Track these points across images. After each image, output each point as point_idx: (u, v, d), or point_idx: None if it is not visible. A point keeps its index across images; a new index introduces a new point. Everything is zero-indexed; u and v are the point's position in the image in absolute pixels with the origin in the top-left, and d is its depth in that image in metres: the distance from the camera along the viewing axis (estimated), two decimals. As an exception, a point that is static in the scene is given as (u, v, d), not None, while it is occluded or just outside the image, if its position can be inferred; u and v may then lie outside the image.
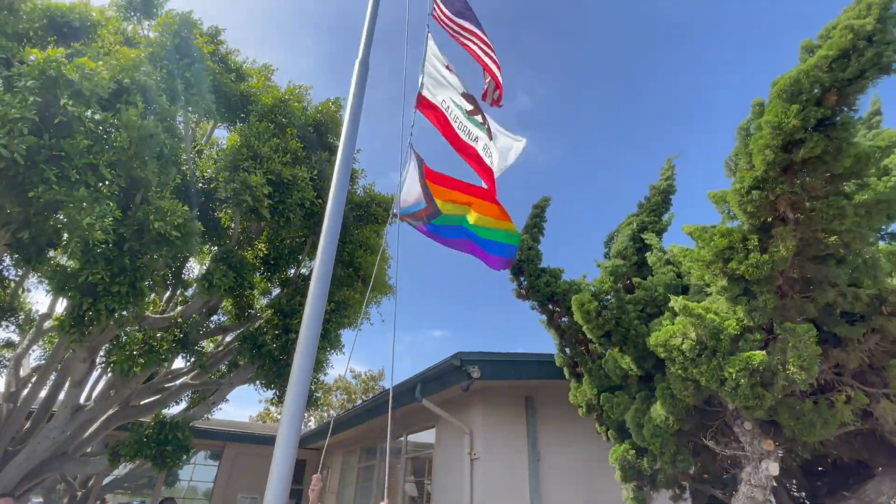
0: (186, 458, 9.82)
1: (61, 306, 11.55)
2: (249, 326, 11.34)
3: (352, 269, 11.32)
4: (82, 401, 10.69)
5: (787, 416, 4.95)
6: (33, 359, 12.58)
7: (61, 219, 8.17)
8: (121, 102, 7.88)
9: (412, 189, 5.54)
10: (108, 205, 7.50)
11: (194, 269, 13.62)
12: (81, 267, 7.68)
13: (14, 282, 11.44)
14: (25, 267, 10.55)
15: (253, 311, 11.81)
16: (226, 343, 12.68)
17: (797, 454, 6.39)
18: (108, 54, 8.44)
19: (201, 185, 9.87)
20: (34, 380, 10.32)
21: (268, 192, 8.97)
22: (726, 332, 4.98)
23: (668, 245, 7.13)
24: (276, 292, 12.63)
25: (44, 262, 8.24)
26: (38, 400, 10.45)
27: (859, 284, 5.14)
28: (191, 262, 13.17)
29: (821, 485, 6.88)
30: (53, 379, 10.43)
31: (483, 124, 5.70)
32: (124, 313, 8.03)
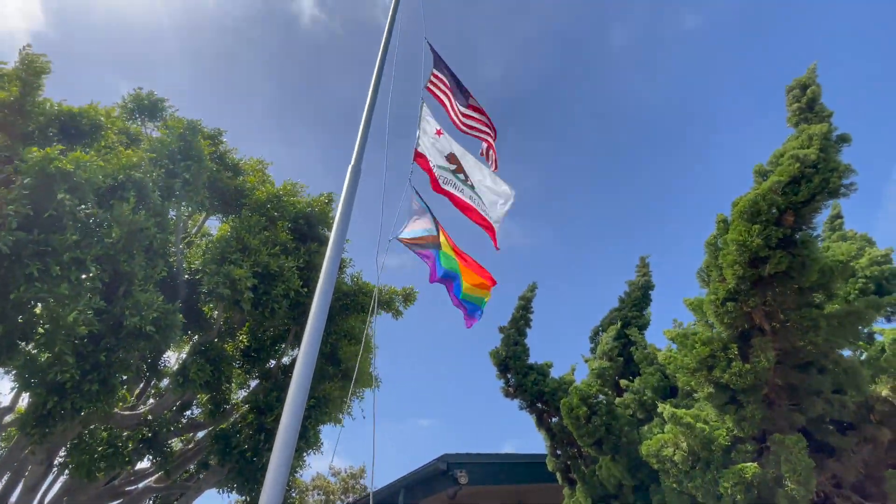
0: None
1: (24, 401, 10.94)
2: (223, 423, 10.77)
3: (333, 363, 11.05)
4: (32, 508, 9.75)
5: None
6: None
7: (38, 311, 8.02)
8: (115, 198, 8.09)
9: (415, 220, 5.93)
10: (90, 299, 7.42)
11: (172, 357, 13.19)
12: (53, 362, 7.41)
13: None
14: (-6, 359, 10.13)
15: (228, 407, 11.27)
16: (197, 440, 11.93)
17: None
18: (109, 152, 8.82)
19: (187, 276, 9.87)
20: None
21: (252, 285, 8.97)
22: (717, 442, 4.84)
23: (656, 335, 7.14)
24: (255, 384, 12.17)
25: (14, 357, 7.94)
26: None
27: (845, 392, 5.13)
28: (168, 352, 12.77)
29: None
30: (6, 480, 9.60)
31: (466, 181, 6.38)
32: (91, 412, 7.63)
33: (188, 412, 11.75)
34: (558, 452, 7.85)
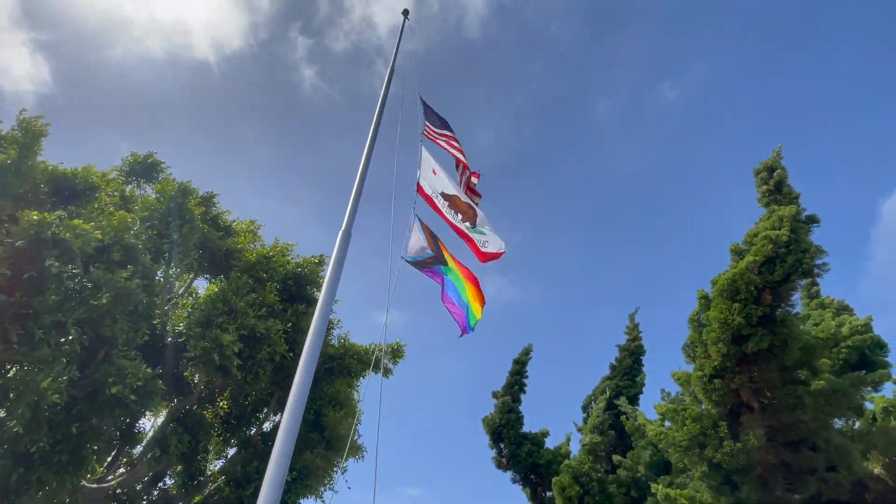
0: None
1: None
2: (197, 496, 10.15)
3: (317, 430, 10.65)
4: None
5: None
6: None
7: (11, 377, 7.72)
8: (103, 261, 8.05)
9: (417, 243, 6.47)
10: (65, 364, 7.18)
11: (147, 423, 12.60)
12: (24, 432, 7.05)
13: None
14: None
15: (203, 479, 10.67)
16: (168, 515, 11.17)
17: None
18: (102, 213, 8.88)
19: (170, 339, 9.66)
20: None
21: (238, 350, 8.79)
22: (713, 524, 4.67)
23: (653, 391, 7.01)
24: (233, 453, 11.61)
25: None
26: None
27: (839, 469, 5.05)
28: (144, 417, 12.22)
29: None
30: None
31: (456, 215, 7.09)
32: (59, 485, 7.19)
33: (161, 483, 11.09)
34: (552, 531, 7.49)
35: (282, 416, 3.84)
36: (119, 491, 8.94)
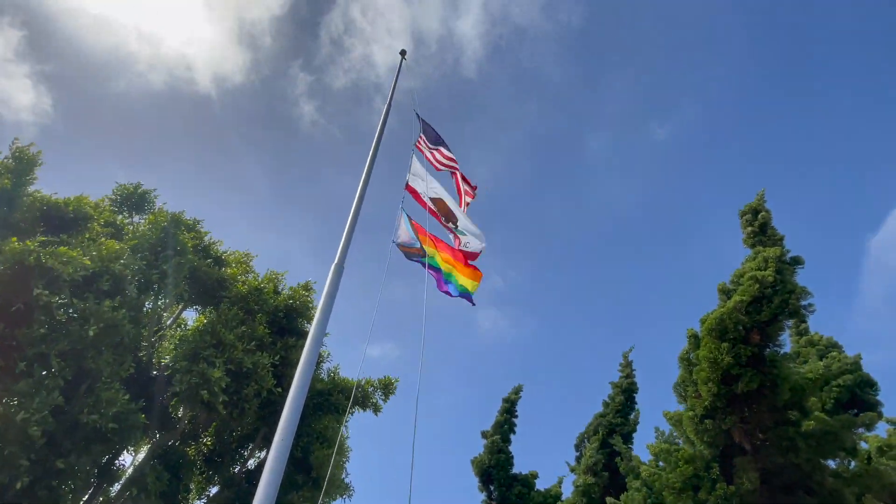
0: None
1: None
2: (175, 539, 9.70)
3: (304, 470, 10.33)
4: None
5: None
6: None
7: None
8: (90, 290, 7.95)
9: (405, 234, 6.86)
10: (46, 396, 6.98)
11: (127, 459, 12.16)
12: (3, 465, 6.78)
13: None
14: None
15: (183, 520, 10.24)
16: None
17: None
18: (92, 243, 8.83)
19: (156, 372, 9.46)
20: None
21: (225, 385, 8.61)
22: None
23: (642, 436, 6.92)
24: (215, 492, 11.18)
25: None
26: None
27: (834, 513, 4.98)
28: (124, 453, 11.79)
29: None
30: None
31: (439, 223, 7.49)
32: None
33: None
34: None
35: (268, 452, 3.75)
36: (93, 533, 8.54)
